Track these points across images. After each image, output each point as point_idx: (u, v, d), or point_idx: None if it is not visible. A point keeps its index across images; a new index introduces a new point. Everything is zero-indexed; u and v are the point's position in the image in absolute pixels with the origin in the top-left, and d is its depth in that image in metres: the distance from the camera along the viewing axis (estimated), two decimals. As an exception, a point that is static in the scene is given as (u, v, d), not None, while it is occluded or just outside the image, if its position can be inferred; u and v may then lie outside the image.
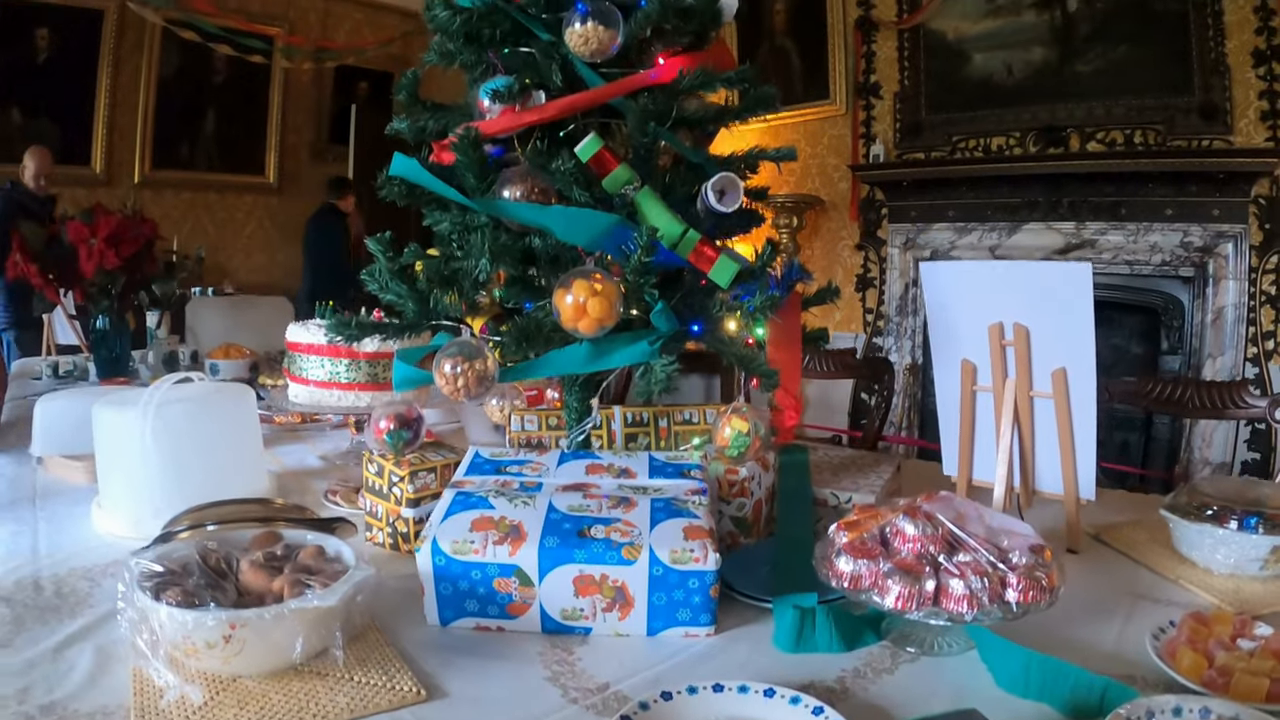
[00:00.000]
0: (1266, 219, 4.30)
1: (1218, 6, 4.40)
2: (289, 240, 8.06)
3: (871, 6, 5.57)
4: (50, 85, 6.88)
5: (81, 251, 3.16)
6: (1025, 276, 1.52)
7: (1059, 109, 4.86)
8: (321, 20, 8.14)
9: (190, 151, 7.67)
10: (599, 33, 1.42)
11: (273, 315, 4.60)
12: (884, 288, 5.45)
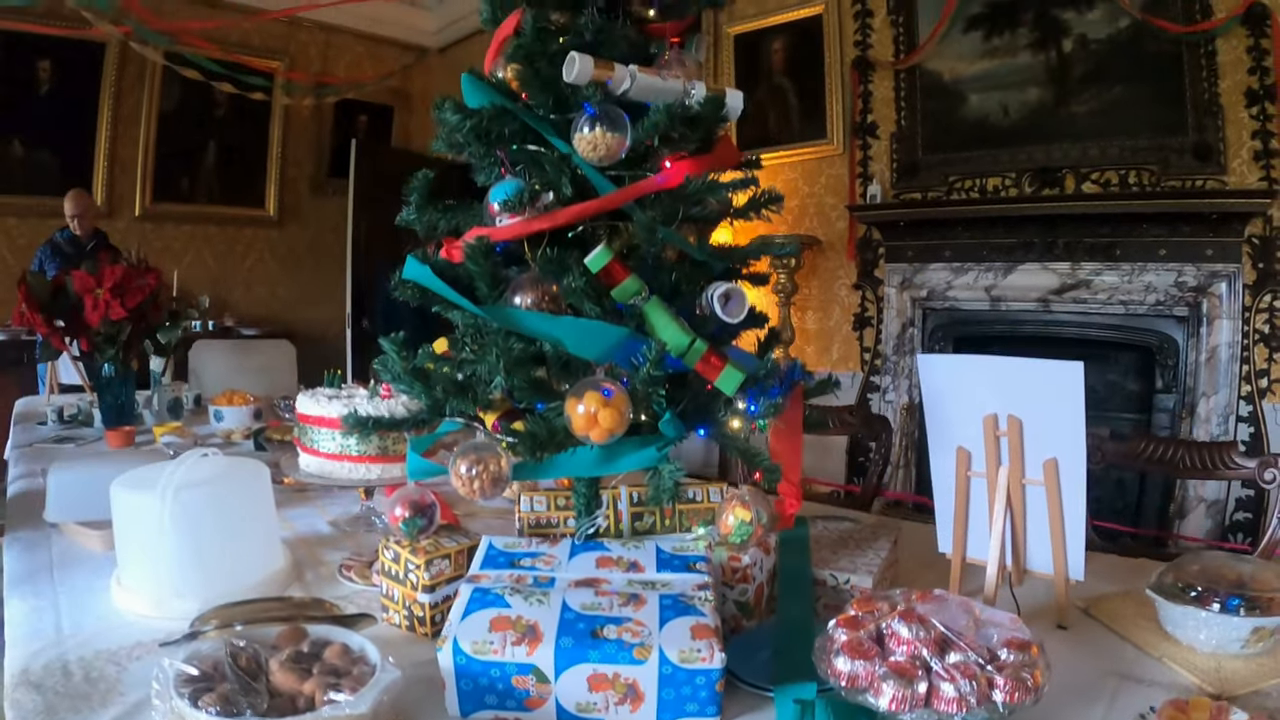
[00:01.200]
0: (1259, 258, 4.33)
1: (1211, 47, 4.46)
2: (289, 273, 8.13)
3: (868, 47, 5.62)
4: (52, 117, 6.94)
5: (87, 301, 3.20)
6: (1019, 372, 1.58)
7: (1054, 149, 4.91)
8: (322, 53, 8.22)
9: (191, 184, 7.73)
10: (607, 139, 1.46)
11: (276, 358, 4.65)
12: (881, 327, 5.49)
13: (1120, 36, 4.73)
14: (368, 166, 7.61)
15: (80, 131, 7.10)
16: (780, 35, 6.04)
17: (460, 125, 1.54)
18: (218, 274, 7.86)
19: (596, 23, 1.49)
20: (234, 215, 7.94)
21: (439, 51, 9.00)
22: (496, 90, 1.50)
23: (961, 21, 5.21)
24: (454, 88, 6.33)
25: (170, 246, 7.59)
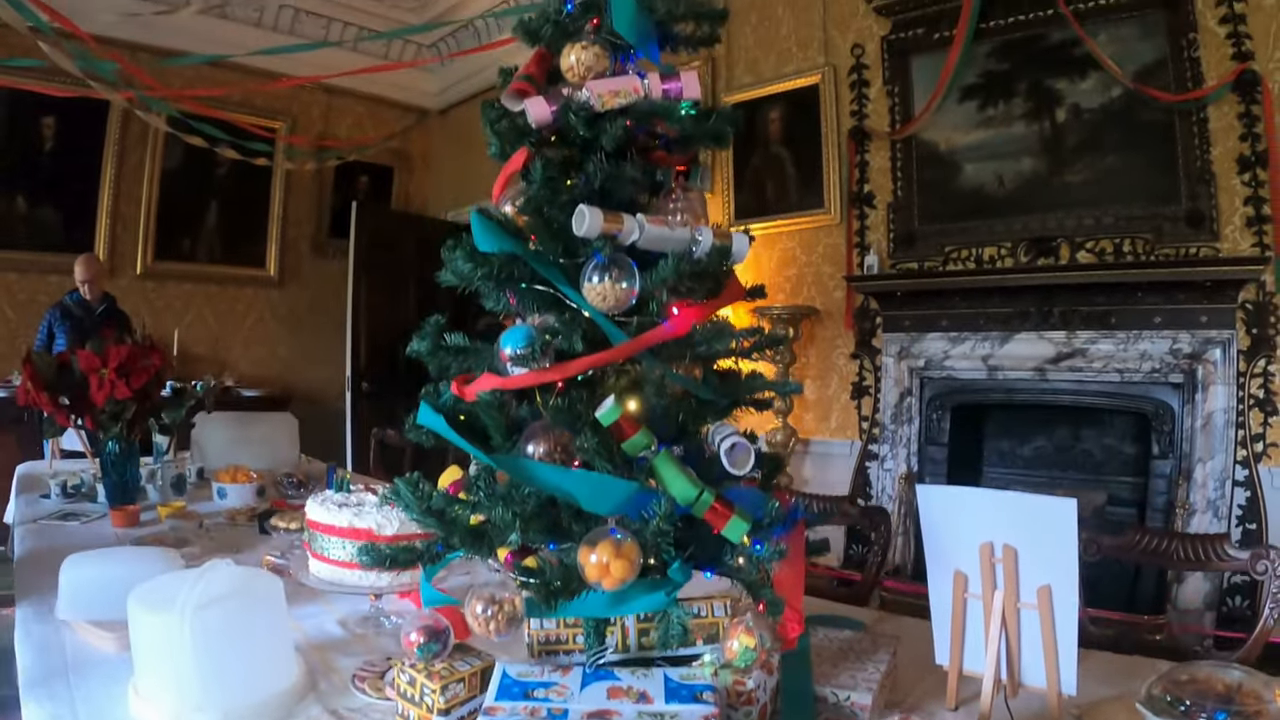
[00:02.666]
0: (1253, 324, 4.37)
1: (1203, 114, 4.53)
2: (289, 333, 8.17)
3: (865, 117, 5.70)
4: (55, 174, 7.03)
5: (92, 381, 3.23)
6: (1014, 505, 1.65)
7: (1049, 219, 4.97)
8: (324, 114, 8.34)
9: (192, 243, 7.81)
10: (616, 291, 1.49)
11: (278, 430, 4.67)
12: (879, 396, 5.52)
13: (1113, 106, 4.81)
14: (368, 228, 7.69)
15: (83, 189, 7.19)
16: (777, 104, 6.13)
17: (472, 274, 1.58)
18: (218, 333, 7.91)
19: (605, 169, 1.53)
20: (235, 275, 8.01)
21: (439, 113, 9.13)
22: (507, 233, 1.53)
23: (956, 92, 5.29)
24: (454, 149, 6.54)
25: (171, 305, 7.65)
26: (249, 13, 7.76)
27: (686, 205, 1.63)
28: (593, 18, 1.67)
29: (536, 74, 1.61)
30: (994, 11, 5.17)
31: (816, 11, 5.98)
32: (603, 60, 1.57)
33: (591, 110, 1.53)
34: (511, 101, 1.58)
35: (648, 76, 1.56)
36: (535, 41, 1.67)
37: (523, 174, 1.61)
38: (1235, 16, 4.46)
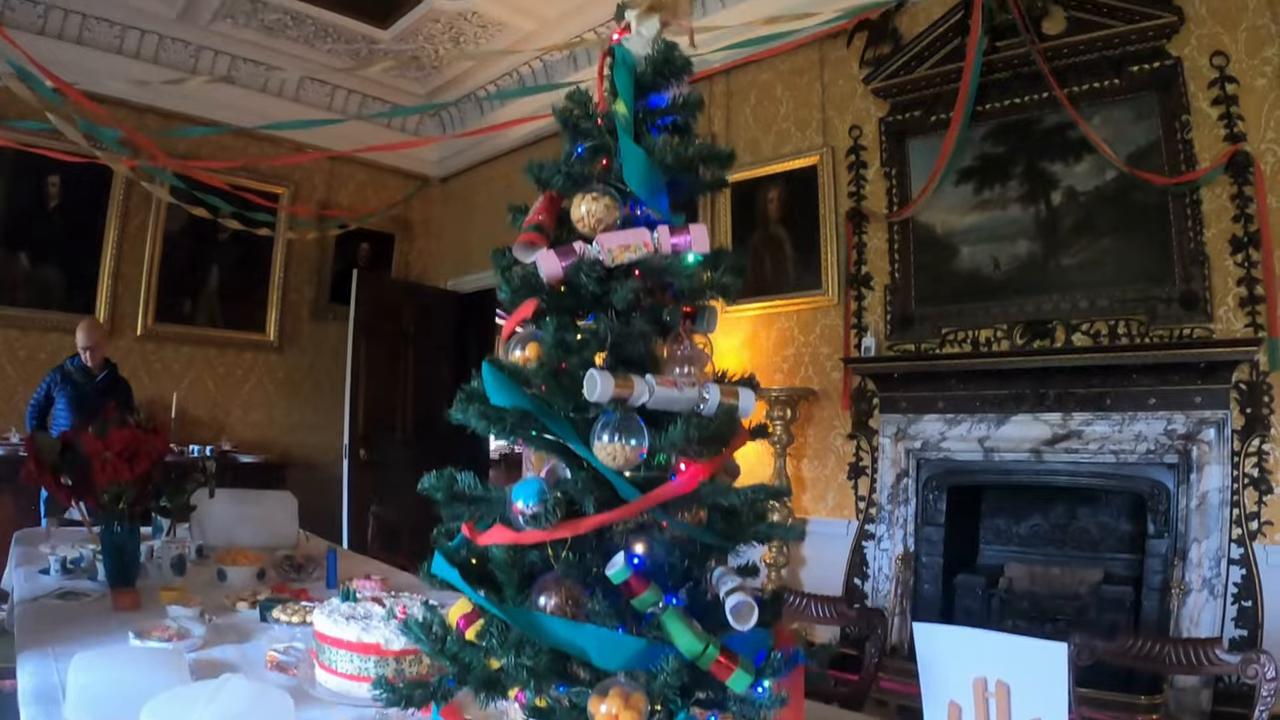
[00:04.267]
0: (1247, 403, 4.40)
1: (1196, 196, 4.59)
2: (287, 398, 8.19)
3: (862, 198, 5.78)
4: (59, 232, 7.08)
5: (95, 464, 3.24)
6: (1008, 645, 1.71)
7: (1044, 301, 5.02)
8: (326, 180, 8.42)
9: (193, 306, 7.84)
10: (625, 451, 1.52)
11: (278, 509, 4.67)
12: (876, 476, 5.53)
13: (1107, 188, 4.88)
14: (369, 296, 7.75)
15: (86, 249, 7.22)
16: (776, 184, 6.21)
17: (486, 430, 1.61)
18: (217, 396, 7.91)
19: (616, 327, 1.57)
20: (234, 339, 8.03)
21: (441, 181, 9.23)
22: (518, 386, 1.56)
23: (953, 174, 5.36)
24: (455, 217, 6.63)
25: (170, 367, 7.66)
26: (255, 78, 7.87)
27: (693, 354, 1.67)
28: (602, 159, 1.71)
29: (546, 221, 1.65)
30: (990, 95, 5.26)
31: (815, 92, 6.08)
32: (613, 211, 1.61)
33: (602, 266, 1.57)
34: (523, 253, 1.62)
35: (657, 230, 1.60)
36: (544, 188, 1.71)
37: (533, 320, 1.64)
38: (1228, 98, 4.55)
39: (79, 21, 6.95)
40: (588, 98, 1.71)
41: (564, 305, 1.61)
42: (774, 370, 6.01)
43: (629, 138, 1.60)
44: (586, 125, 1.68)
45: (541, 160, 1.71)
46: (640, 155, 1.58)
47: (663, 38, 1.70)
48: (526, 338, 1.66)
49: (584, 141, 1.69)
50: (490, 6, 7.05)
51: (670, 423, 1.53)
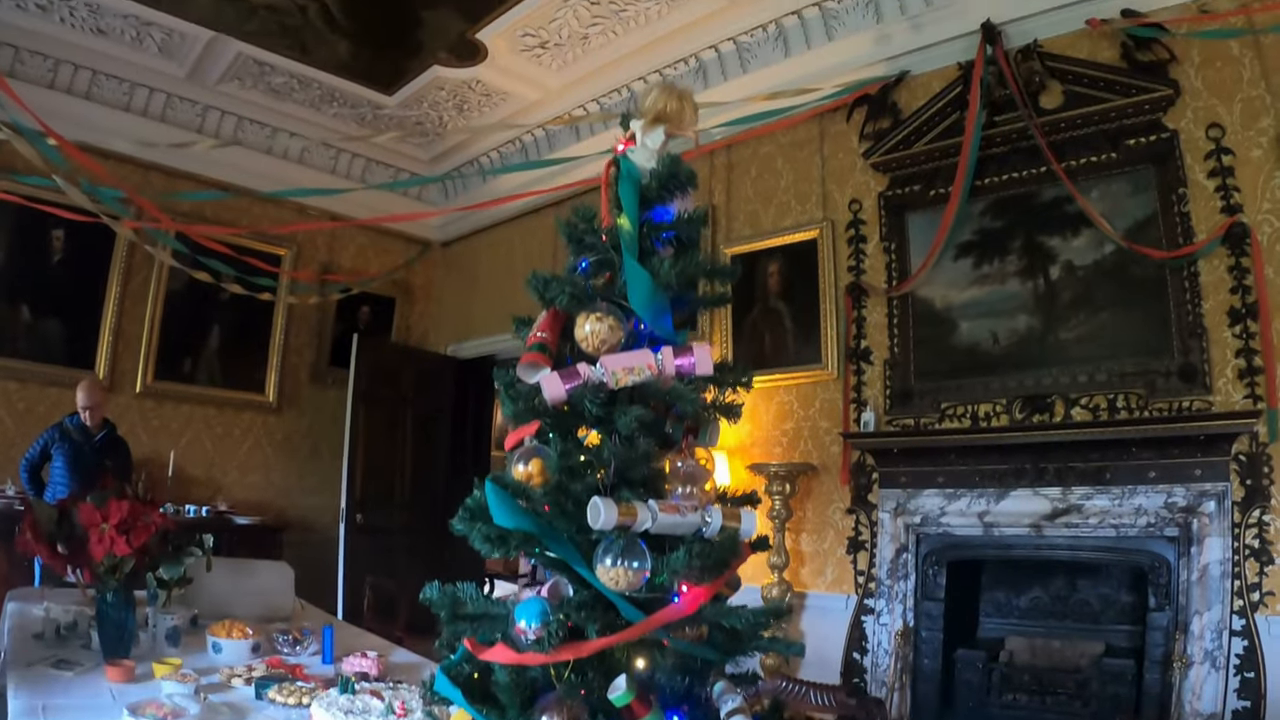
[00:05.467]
0: (1247, 475, 4.37)
1: (1194, 269, 4.60)
2: (285, 460, 8.16)
3: (862, 272, 5.80)
4: (61, 286, 7.09)
5: (92, 535, 3.24)
6: None
7: (1043, 375, 5.01)
8: (328, 242, 8.47)
9: (193, 365, 7.84)
10: (628, 575, 1.53)
11: (274, 579, 4.65)
12: (875, 551, 5.50)
13: (1105, 262, 4.89)
14: (369, 361, 7.77)
15: (88, 303, 7.23)
16: (776, 257, 6.23)
17: (490, 552, 1.61)
18: (214, 456, 7.88)
19: (620, 452, 1.57)
20: (233, 399, 8.01)
21: (442, 245, 9.28)
22: (522, 507, 1.56)
23: (952, 249, 5.39)
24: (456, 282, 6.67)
25: (168, 425, 7.64)
26: (260, 140, 7.94)
27: (695, 471, 1.67)
28: (606, 273, 1.73)
29: (550, 339, 1.66)
30: (988, 169, 5.30)
31: (815, 166, 6.14)
32: (617, 332, 1.62)
33: (606, 388, 1.57)
34: (526, 373, 1.62)
35: (661, 352, 1.61)
36: (548, 305, 1.72)
37: (536, 434, 1.65)
38: (1224, 169, 4.58)
39: (88, 77, 7.04)
40: (593, 213, 1.72)
41: (567, 426, 1.61)
42: (773, 444, 5.99)
43: (633, 258, 1.61)
44: (591, 240, 1.70)
45: (546, 274, 1.72)
46: (645, 278, 1.60)
47: (668, 151, 1.72)
48: (530, 453, 1.67)
49: (588, 256, 1.71)
50: (494, 76, 7.14)
51: (673, 545, 1.53)
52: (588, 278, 1.71)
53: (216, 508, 7.40)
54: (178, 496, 7.21)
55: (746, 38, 6.34)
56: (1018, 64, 5.23)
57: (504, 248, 8.53)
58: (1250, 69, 4.59)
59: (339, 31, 6.63)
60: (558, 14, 6.31)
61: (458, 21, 6.46)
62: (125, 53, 6.94)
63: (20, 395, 6.88)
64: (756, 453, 5.83)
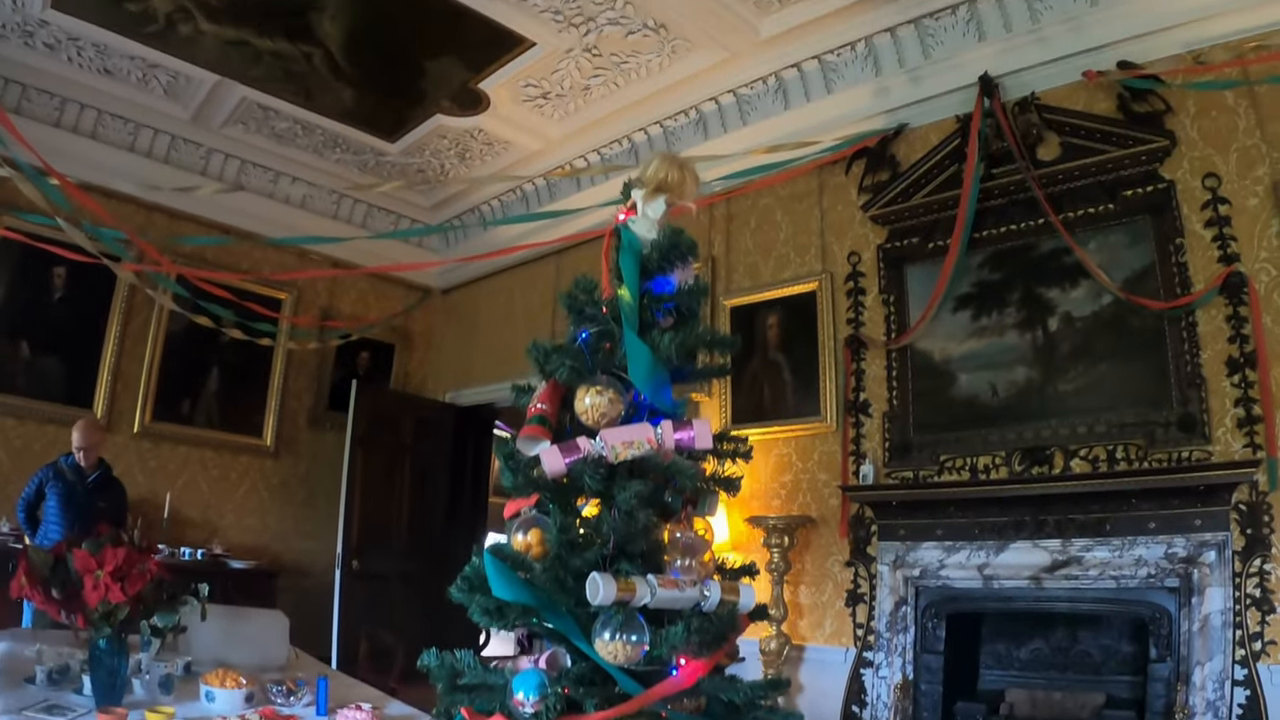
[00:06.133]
0: (1247, 524, 4.34)
1: (1192, 319, 4.61)
2: (281, 505, 8.14)
3: (861, 325, 5.82)
4: (61, 324, 7.09)
5: (87, 582, 3.24)
6: None
7: (1042, 428, 5.01)
8: (329, 286, 8.51)
9: (191, 407, 7.82)
10: (627, 648, 1.53)
11: (268, 627, 4.63)
12: (874, 604, 5.46)
13: (1104, 313, 4.90)
14: (367, 407, 7.77)
15: (87, 342, 7.22)
16: (775, 310, 6.26)
17: (489, 624, 1.61)
18: (210, 499, 7.84)
19: (619, 527, 1.57)
20: (231, 441, 7.99)
21: (442, 292, 9.32)
22: (520, 579, 1.56)
23: (951, 301, 5.41)
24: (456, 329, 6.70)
25: (165, 467, 7.61)
26: (263, 184, 8.00)
27: (694, 542, 1.67)
28: (606, 343, 1.73)
29: (549, 411, 1.66)
30: (986, 221, 5.33)
31: (814, 218, 6.19)
32: (617, 405, 1.63)
33: (605, 462, 1.58)
34: (527, 446, 1.63)
35: (661, 426, 1.61)
36: (548, 376, 1.73)
37: (535, 506, 1.65)
38: (1220, 219, 4.61)
39: (94, 117, 7.11)
40: (593, 284, 1.73)
41: (567, 498, 1.61)
42: (772, 496, 5.98)
43: (633, 332, 1.62)
44: (592, 311, 1.71)
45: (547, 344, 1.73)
46: (645, 354, 1.60)
47: (668, 224, 1.74)
48: (529, 522, 1.67)
49: (589, 327, 1.72)
50: (495, 125, 7.22)
51: (672, 618, 1.53)
52: (588, 349, 1.72)
53: (212, 550, 7.36)
54: (173, 538, 7.18)
55: (746, 90, 6.41)
56: (1015, 116, 5.28)
57: (504, 296, 8.56)
58: (1245, 118, 4.64)
59: (343, 79, 6.71)
60: (560, 65, 6.39)
61: (461, 71, 6.54)
62: (131, 94, 7.01)
63: (17, 432, 6.85)
64: (755, 505, 5.80)
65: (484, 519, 8.93)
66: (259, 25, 6.12)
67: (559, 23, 5.92)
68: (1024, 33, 5.35)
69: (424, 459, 8.44)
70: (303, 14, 5.99)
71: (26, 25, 6.12)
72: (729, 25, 5.89)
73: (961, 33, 5.55)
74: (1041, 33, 5.29)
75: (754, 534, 5.61)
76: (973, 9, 5.44)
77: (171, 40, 6.28)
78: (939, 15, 5.56)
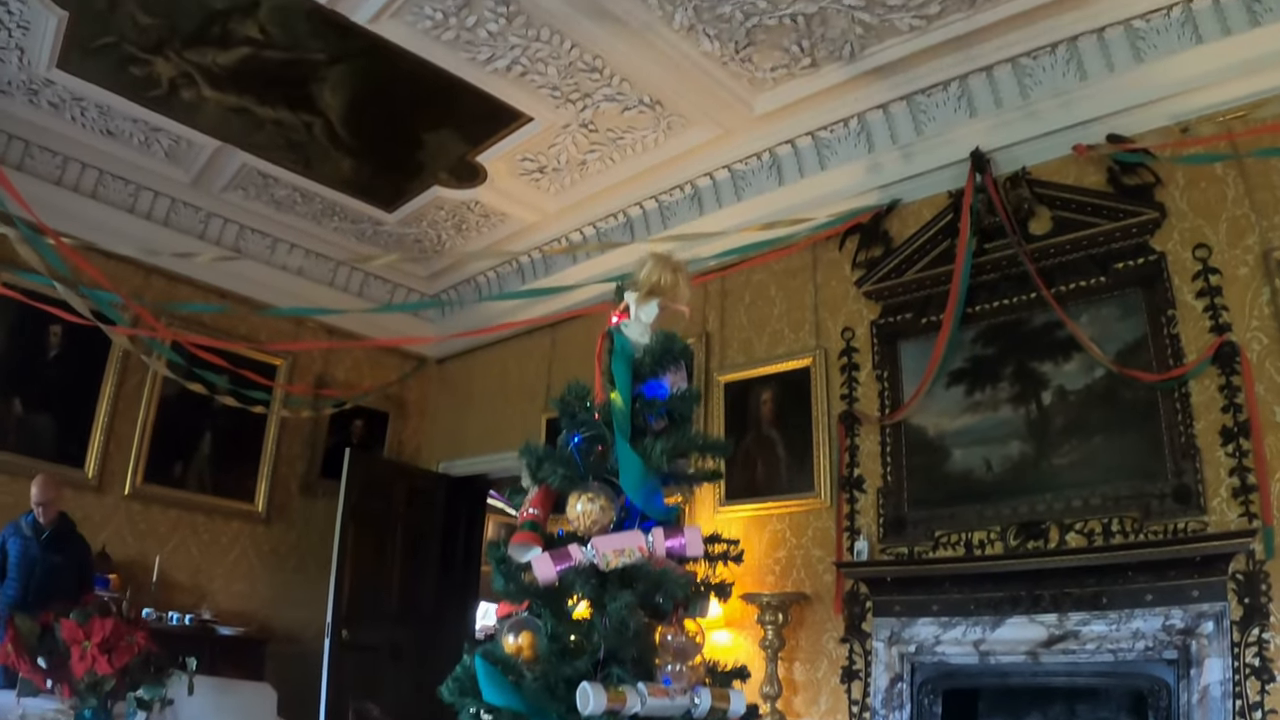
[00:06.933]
0: (1245, 594, 4.30)
1: (1185, 390, 4.62)
2: (271, 571, 8.08)
3: (855, 400, 5.83)
4: (55, 382, 7.05)
5: (74, 652, 3.22)
6: None
7: (1037, 502, 4.98)
8: (324, 355, 8.50)
9: (183, 470, 7.77)
10: None
11: (256, 700, 4.59)
12: (870, 681, 5.40)
13: (1097, 386, 4.91)
14: (360, 476, 7.74)
15: (82, 401, 7.18)
16: (769, 386, 6.27)
17: (483, 728, 1.61)
18: (200, 563, 7.75)
19: (609, 634, 1.57)
20: (222, 506, 7.91)
21: (437, 362, 9.35)
22: (512, 686, 1.56)
23: (944, 376, 5.42)
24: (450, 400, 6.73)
25: (155, 530, 7.53)
26: (261, 249, 8.04)
27: (685, 646, 1.66)
28: (599, 446, 1.74)
29: (541, 517, 1.67)
30: (979, 296, 5.38)
31: (808, 294, 6.23)
32: (608, 512, 1.63)
33: (597, 571, 1.58)
34: (518, 553, 1.63)
35: (652, 534, 1.62)
36: (539, 482, 1.74)
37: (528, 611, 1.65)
38: (1211, 289, 4.65)
39: (95, 176, 7.16)
40: (586, 390, 1.75)
41: (559, 604, 1.61)
42: (766, 572, 5.93)
43: (625, 439, 1.63)
44: (584, 416, 1.72)
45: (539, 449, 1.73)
46: (636, 463, 1.61)
47: (661, 329, 1.75)
48: (520, 624, 1.66)
49: (581, 431, 1.72)
50: (492, 198, 7.30)
51: (662, 727, 1.53)
52: (580, 453, 1.73)
53: (200, 616, 7.27)
54: (161, 602, 7.09)
55: (741, 166, 6.50)
56: (1006, 191, 5.35)
57: (498, 367, 8.57)
58: (1234, 187, 4.70)
59: (343, 149, 6.78)
60: (557, 140, 6.48)
61: (459, 145, 6.63)
62: (133, 155, 7.07)
63: (8, 489, 6.74)
64: (749, 581, 5.75)
65: (476, 591, 8.86)
66: (261, 94, 6.21)
67: (556, 98, 6.01)
68: (1014, 108, 5.44)
69: (416, 529, 8.39)
70: (304, 84, 6.07)
71: (32, 83, 6.19)
72: (723, 102, 5.98)
73: (953, 108, 5.64)
74: (1031, 108, 5.38)
75: (748, 610, 5.57)
76: (964, 85, 5.53)
77: (174, 105, 6.36)
78: (930, 91, 5.66)
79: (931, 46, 5.35)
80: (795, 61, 5.60)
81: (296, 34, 5.55)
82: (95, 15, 5.44)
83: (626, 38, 5.40)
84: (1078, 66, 5.19)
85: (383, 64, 5.74)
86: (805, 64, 5.61)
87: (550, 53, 5.57)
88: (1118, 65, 5.07)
